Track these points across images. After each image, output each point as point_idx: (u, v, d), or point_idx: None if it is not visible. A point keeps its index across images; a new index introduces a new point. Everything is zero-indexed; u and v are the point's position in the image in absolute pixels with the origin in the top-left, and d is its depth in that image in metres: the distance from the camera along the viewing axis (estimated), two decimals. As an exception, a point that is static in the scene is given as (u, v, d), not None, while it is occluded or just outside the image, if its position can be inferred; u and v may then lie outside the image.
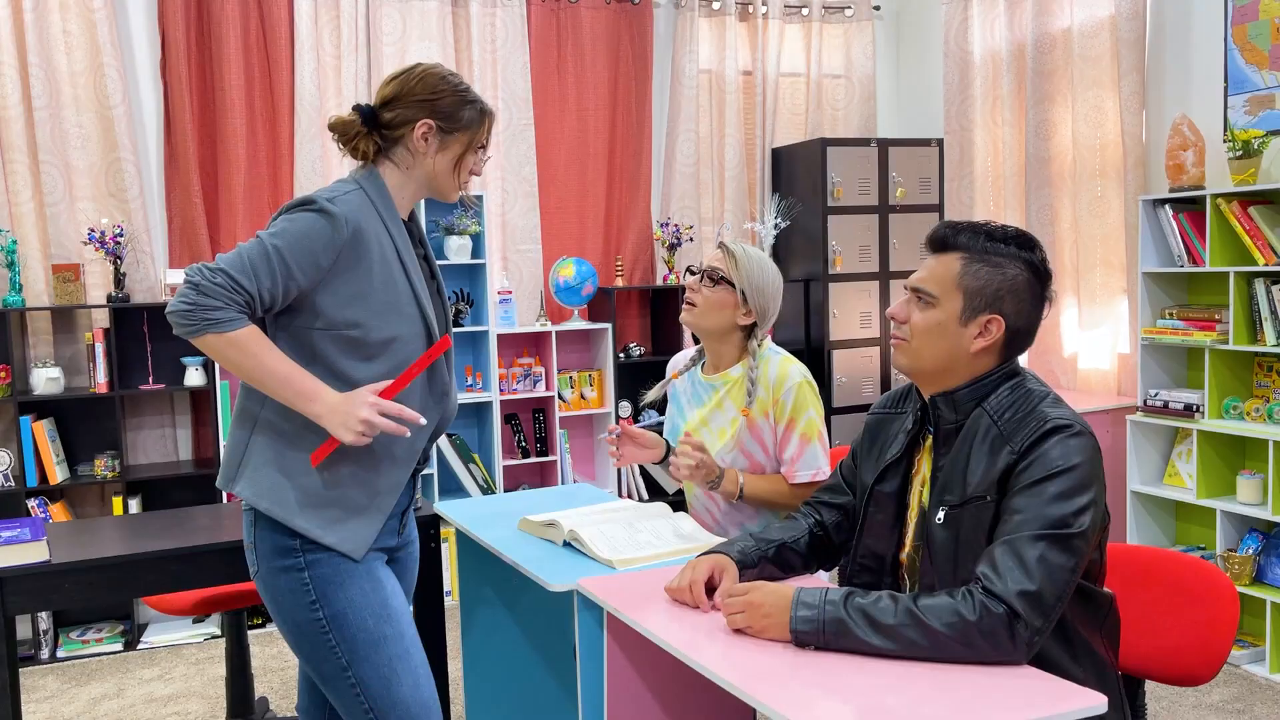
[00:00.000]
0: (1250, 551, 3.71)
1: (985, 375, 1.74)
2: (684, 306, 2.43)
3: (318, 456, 1.88)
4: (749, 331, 2.43)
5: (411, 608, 2.24)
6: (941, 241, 1.77)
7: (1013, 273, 1.72)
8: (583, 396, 5.03)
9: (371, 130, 1.98)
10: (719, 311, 2.38)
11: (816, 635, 1.58)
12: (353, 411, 1.83)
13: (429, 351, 1.94)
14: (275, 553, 1.92)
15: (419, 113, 1.96)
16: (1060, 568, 1.54)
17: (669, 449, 2.49)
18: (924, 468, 1.82)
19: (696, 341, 2.57)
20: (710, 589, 1.81)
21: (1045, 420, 1.64)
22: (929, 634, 1.52)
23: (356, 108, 1.99)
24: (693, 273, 2.43)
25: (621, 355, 5.05)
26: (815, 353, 5.06)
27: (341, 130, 1.99)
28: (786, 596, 1.62)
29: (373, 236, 1.91)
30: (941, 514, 1.71)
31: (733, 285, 2.37)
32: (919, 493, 1.81)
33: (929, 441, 1.81)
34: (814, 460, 2.36)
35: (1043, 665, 1.59)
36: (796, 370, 2.37)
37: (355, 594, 1.92)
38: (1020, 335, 1.74)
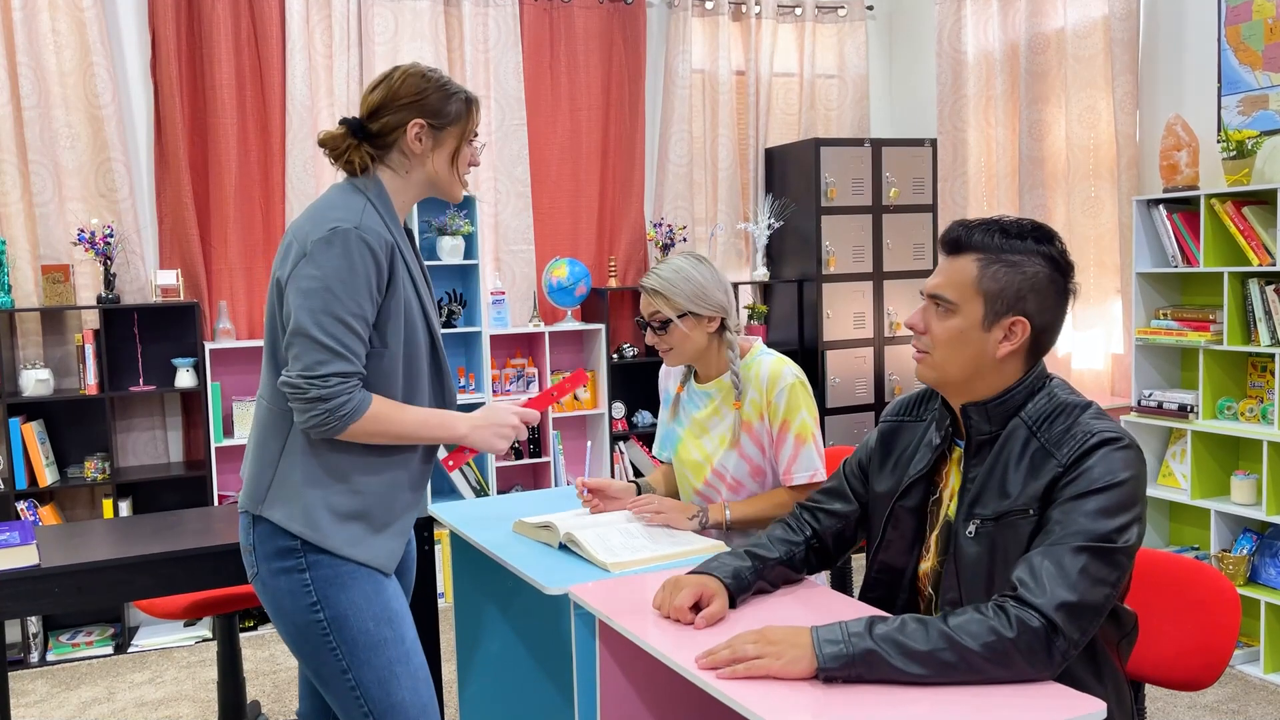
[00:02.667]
0: (1244, 552, 3.71)
1: (1017, 383, 1.67)
2: (661, 354, 2.45)
3: (453, 464, 2.12)
4: (721, 328, 2.43)
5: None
6: (955, 243, 1.68)
7: (1032, 270, 1.63)
8: (576, 398, 5.02)
9: (361, 141, 1.97)
10: (686, 343, 2.40)
11: (847, 669, 1.46)
12: (504, 420, 2.04)
13: (570, 378, 2.19)
14: (275, 554, 1.90)
15: (408, 114, 1.94)
16: (1102, 581, 1.48)
17: (639, 490, 2.55)
18: (952, 480, 1.75)
19: None
20: (696, 608, 1.74)
21: (1092, 433, 1.57)
22: (965, 656, 1.43)
23: (344, 121, 1.97)
24: (642, 327, 2.45)
25: (615, 356, 5.03)
26: (809, 353, 5.05)
27: (331, 145, 1.97)
28: (804, 633, 1.51)
29: (395, 252, 1.91)
30: (972, 527, 1.64)
31: (679, 317, 2.37)
32: (947, 505, 1.74)
33: (957, 453, 1.75)
34: (810, 461, 2.36)
35: (1067, 684, 1.53)
36: (789, 371, 2.37)
37: (357, 596, 1.91)
38: (1045, 334, 1.66)
